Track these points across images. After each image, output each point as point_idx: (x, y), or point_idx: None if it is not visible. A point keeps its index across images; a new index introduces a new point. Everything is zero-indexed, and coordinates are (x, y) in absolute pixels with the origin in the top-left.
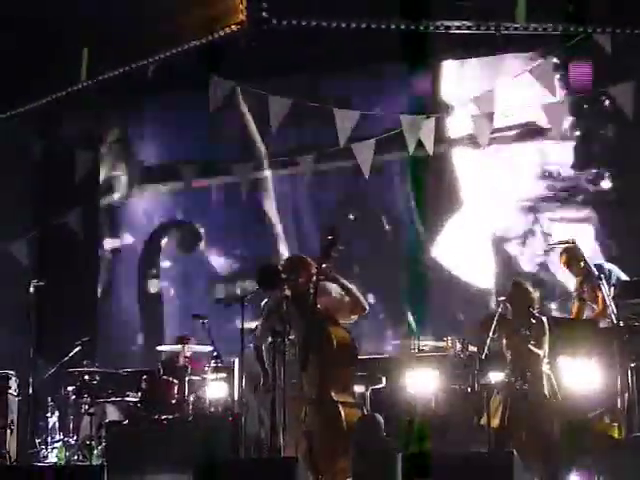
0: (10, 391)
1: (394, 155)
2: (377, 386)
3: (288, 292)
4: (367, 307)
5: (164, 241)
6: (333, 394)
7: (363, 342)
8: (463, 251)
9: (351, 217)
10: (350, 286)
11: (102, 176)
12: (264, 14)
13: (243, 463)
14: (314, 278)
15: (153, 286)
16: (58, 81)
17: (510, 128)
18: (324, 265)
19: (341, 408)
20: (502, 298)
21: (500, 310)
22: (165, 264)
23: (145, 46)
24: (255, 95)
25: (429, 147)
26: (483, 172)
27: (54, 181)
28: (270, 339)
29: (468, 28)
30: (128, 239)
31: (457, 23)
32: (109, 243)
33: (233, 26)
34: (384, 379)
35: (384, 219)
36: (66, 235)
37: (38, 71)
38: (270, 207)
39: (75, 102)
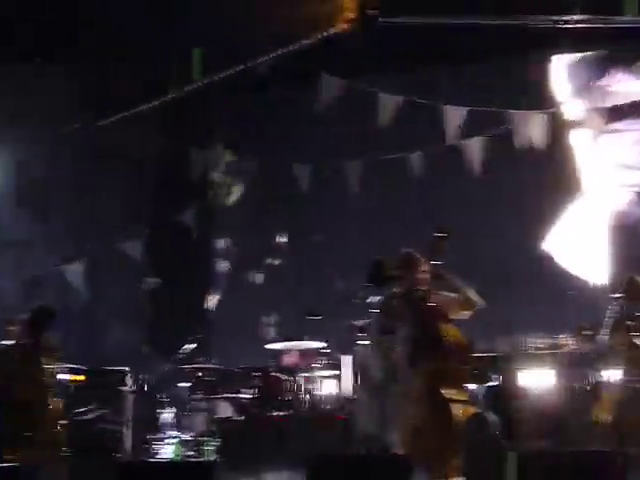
0: (126, 387)
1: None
2: (489, 384)
3: (398, 288)
4: (478, 304)
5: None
6: (444, 391)
7: (474, 339)
8: (578, 244)
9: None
10: (460, 284)
11: (216, 176)
12: (375, 12)
13: (356, 460)
14: (424, 275)
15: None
16: (172, 81)
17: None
18: (434, 262)
19: (452, 406)
20: (617, 295)
21: (615, 308)
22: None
23: (256, 45)
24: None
25: (541, 142)
26: (599, 161)
27: (169, 180)
28: (381, 336)
29: (577, 22)
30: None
31: (566, 17)
32: (222, 242)
33: (344, 24)
34: (497, 377)
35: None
36: (180, 234)
37: (152, 71)
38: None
39: (190, 101)
